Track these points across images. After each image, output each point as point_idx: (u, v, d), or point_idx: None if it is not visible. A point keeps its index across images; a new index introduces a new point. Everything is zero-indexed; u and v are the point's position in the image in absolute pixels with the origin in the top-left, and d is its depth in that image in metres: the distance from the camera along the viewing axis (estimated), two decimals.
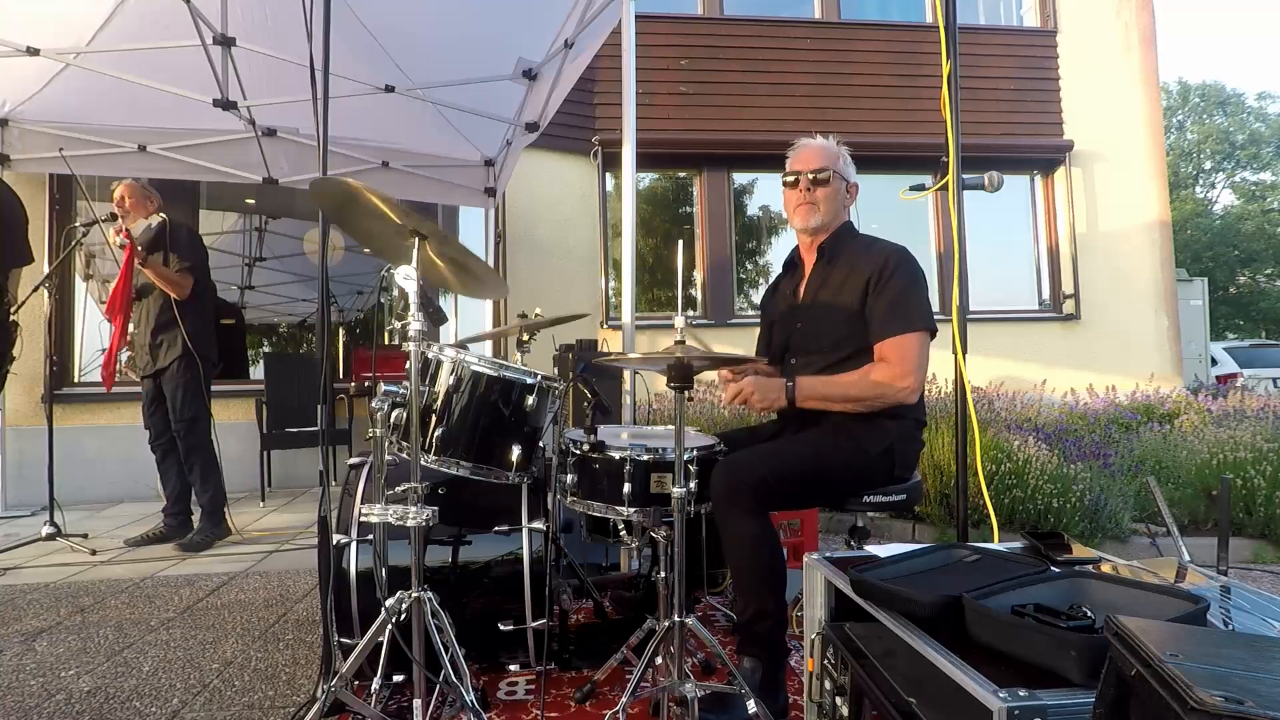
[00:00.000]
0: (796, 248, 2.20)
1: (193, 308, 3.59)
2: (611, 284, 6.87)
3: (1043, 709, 0.87)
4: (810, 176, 2.03)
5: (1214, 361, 11.77)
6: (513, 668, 2.04)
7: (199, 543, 3.55)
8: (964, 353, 2.28)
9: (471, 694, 1.60)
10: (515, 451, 1.80)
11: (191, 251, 3.59)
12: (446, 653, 1.60)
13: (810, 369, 2.01)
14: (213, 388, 3.71)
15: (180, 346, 3.51)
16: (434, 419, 1.76)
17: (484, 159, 5.17)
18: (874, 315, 1.91)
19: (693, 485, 1.75)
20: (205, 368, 3.56)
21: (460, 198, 5.35)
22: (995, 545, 1.52)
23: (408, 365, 1.58)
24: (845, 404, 1.88)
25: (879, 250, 1.98)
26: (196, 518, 3.71)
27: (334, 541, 1.85)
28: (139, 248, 3.42)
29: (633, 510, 1.78)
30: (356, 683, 1.85)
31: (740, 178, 7.51)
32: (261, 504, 4.73)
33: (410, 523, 1.57)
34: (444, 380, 1.77)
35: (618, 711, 1.64)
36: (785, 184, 2.10)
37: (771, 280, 2.41)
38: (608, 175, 6.99)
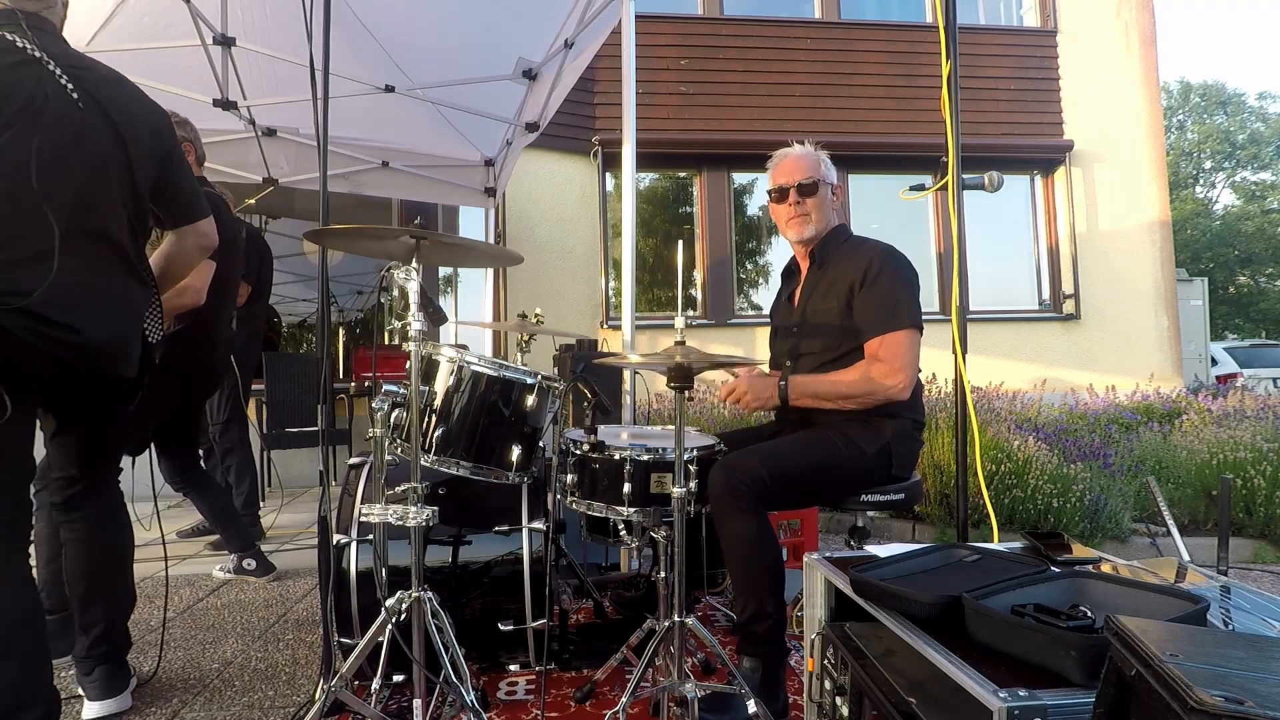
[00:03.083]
0: (794, 255, 2.21)
1: (243, 312, 3.55)
2: (611, 284, 6.87)
3: (1043, 709, 0.87)
4: (798, 188, 2.03)
5: (1214, 361, 11.76)
6: (513, 668, 2.05)
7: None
8: (964, 353, 2.28)
9: (471, 694, 1.60)
10: (515, 451, 1.80)
11: (248, 258, 3.48)
12: (446, 653, 1.60)
13: (805, 370, 2.03)
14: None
15: None
16: (434, 419, 1.76)
17: (484, 159, 5.17)
18: (862, 314, 1.92)
19: (693, 485, 1.75)
20: (243, 372, 3.52)
21: (460, 198, 5.35)
22: (995, 545, 1.52)
23: (408, 365, 1.58)
24: (837, 401, 1.88)
25: (866, 250, 1.99)
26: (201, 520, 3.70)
27: (334, 541, 1.85)
28: None
29: (633, 510, 1.78)
30: (356, 683, 1.85)
31: (740, 178, 7.52)
32: (262, 504, 4.72)
33: (410, 523, 1.56)
34: (444, 380, 1.77)
35: (618, 711, 1.64)
36: (771, 198, 2.10)
37: (772, 285, 2.43)
38: (608, 175, 6.99)
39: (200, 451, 3.77)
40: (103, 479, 1.82)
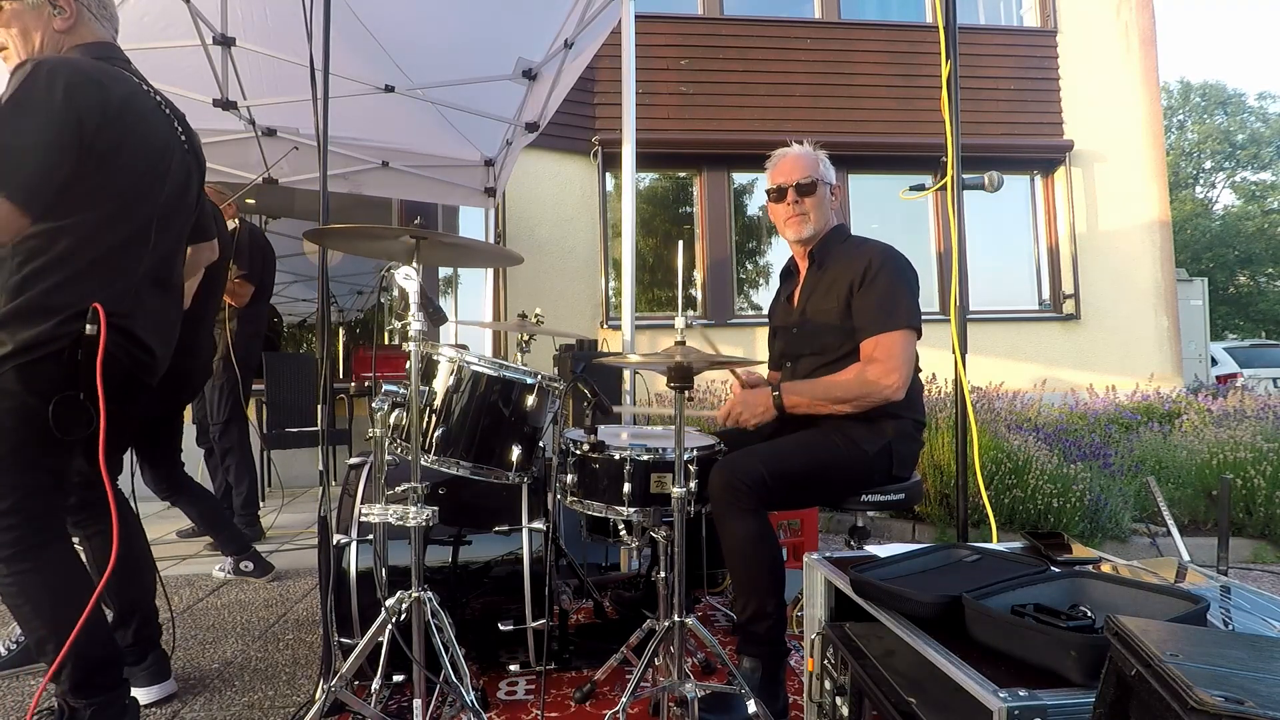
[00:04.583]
0: (793, 256, 2.20)
1: (246, 313, 3.61)
2: (611, 284, 6.87)
3: (1043, 709, 0.87)
4: (796, 187, 2.03)
5: (1214, 361, 11.75)
6: (513, 668, 2.05)
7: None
8: (964, 353, 2.28)
9: (471, 694, 1.60)
10: (515, 451, 1.80)
11: (251, 259, 3.58)
12: (446, 653, 1.60)
13: (805, 371, 2.02)
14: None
15: (223, 349, 3.49)
16: (434, 419, 1.76)
17: (484, 159, 5.17)
18: (860, 313, 1.92)
19: (693, 485, 1.75)
20: (244, 372, 3.53)
21: (460, 198, 5.35)
22: (995, 545, 1.52)
23: (408, 365, 1.58)
24: (833, 405, 1.88)
25: (866, 250, 1.99)
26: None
27: (334, 541, 1.85)
28: None
29: (633, 510, 1.78)
30: (356, 683, 1.85)
31: (740, 178, 7.51)
32: (262, 504, 4.72)
33: (410, 523, 1.56)
34: (444, 380, 1.77)
35: (618, 711, 1.64)
36: (770, 197, 2.10)
37: (772, 285, 2.43)
38: (608, 175, 6.99)
39: (201, 451, 3.78)
40: (116, 477, 1.95)
